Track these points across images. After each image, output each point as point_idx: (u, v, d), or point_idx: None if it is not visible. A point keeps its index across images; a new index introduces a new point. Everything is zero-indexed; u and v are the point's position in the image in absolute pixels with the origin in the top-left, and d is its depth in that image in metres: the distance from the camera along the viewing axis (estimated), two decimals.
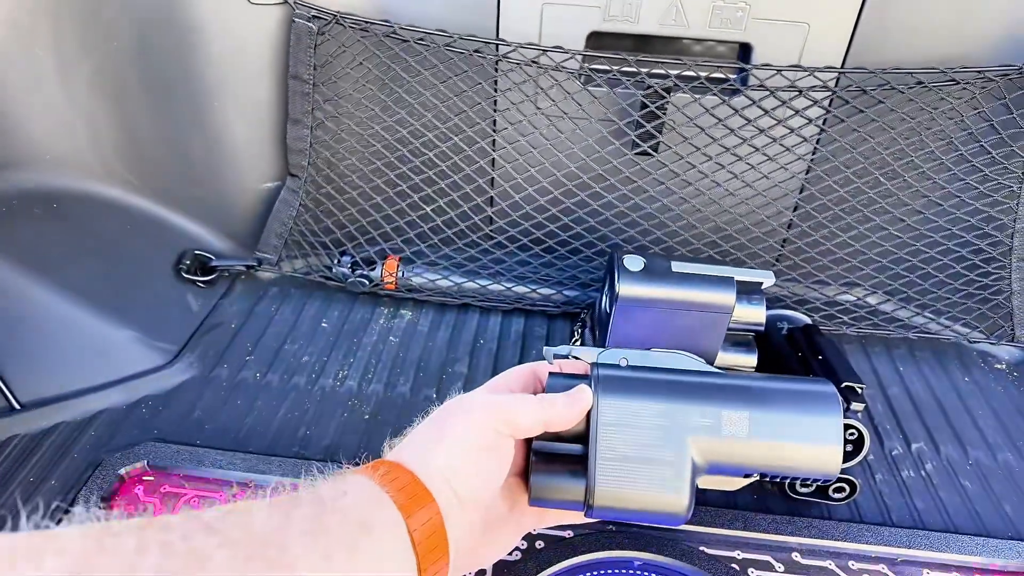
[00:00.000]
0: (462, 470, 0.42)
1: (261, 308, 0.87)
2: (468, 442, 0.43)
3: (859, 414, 0.63)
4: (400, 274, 0.86)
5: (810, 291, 0.85)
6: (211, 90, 0.79)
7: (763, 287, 0.63)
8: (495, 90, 0.79)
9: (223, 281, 0.89)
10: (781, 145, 0.77)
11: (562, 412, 0.46)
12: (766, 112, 0.75)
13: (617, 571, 0.60)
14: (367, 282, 0.86)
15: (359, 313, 0.87)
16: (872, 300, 0.87)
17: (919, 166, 0.77)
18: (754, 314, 0.62)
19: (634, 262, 0.61)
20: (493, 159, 0.83)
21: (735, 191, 0.79)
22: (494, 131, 0.81)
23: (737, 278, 0.61)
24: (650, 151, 0.77)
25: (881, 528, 0.65)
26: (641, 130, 0.77)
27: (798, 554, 0.63)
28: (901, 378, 0.82)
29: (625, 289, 0.60)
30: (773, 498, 0.68)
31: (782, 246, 0.86)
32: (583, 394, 0.47)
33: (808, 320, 0.80)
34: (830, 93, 0.74)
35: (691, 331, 0.62)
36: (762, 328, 0.63)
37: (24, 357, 0.72)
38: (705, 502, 0.67)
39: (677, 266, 0.61)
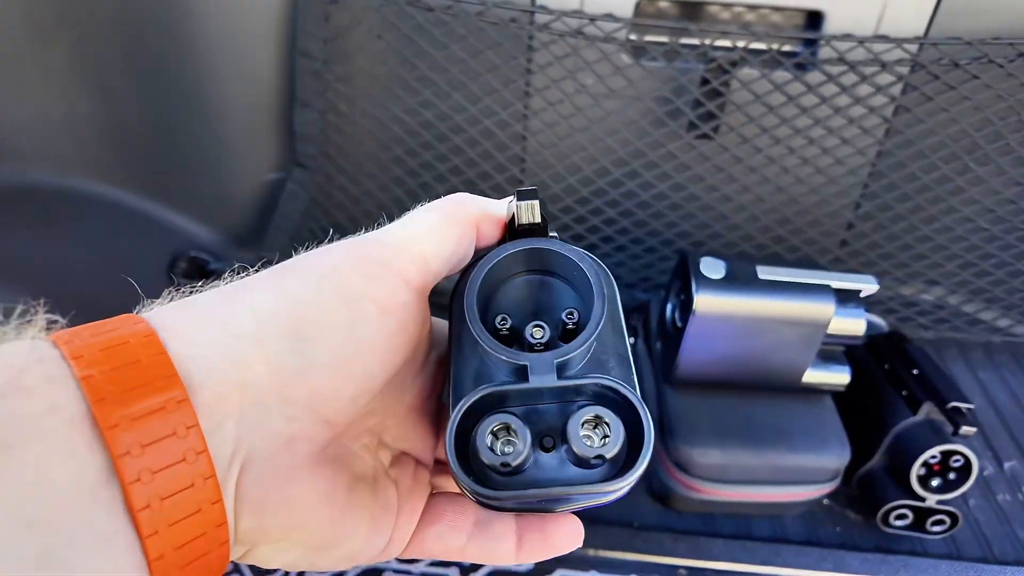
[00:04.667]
0: (293, 333, 0.22)
1: None
2: (314, 289, 0.23)
3: (968, 439, 0.55)
4: None
5: (883, 290, 0.76)
6: (206, 69, 0.70)
7: (862, 295, 0.54)
8: (529, 65, 0.69)
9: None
10: (859, 127, 0.67)
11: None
12: (844, 89, 0.65)
13: None
14: None
15: None
16: (953, 300, 0.78)
17: (1013, 149, 0.68)
18: (853, 326, 0.53)
19: (713, 267, 0.52)
20: (525, 143, 0.73)
21: (804, 177, 0.70)
22: (526, 112, 0.72)
23: (834, 285, 0.52)
24: (710, 133, 0.68)
25: (985, 566, 0.57)
26: (701, 109, 0.67)
27: None
28: (983, 387, 0.74)
29: (703, 301, 0.51)
30: (861, 532, 0.60)
31: (843, 244, 0.77)
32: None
33: (884, 324, 0.71)
34: (916, 67, 0.65)
35: (778, 346, 0.53)
36: (859, 341, 0.55)
37: None
38: (786, 539, 0.59)
39: (764, 271, 0.52)
